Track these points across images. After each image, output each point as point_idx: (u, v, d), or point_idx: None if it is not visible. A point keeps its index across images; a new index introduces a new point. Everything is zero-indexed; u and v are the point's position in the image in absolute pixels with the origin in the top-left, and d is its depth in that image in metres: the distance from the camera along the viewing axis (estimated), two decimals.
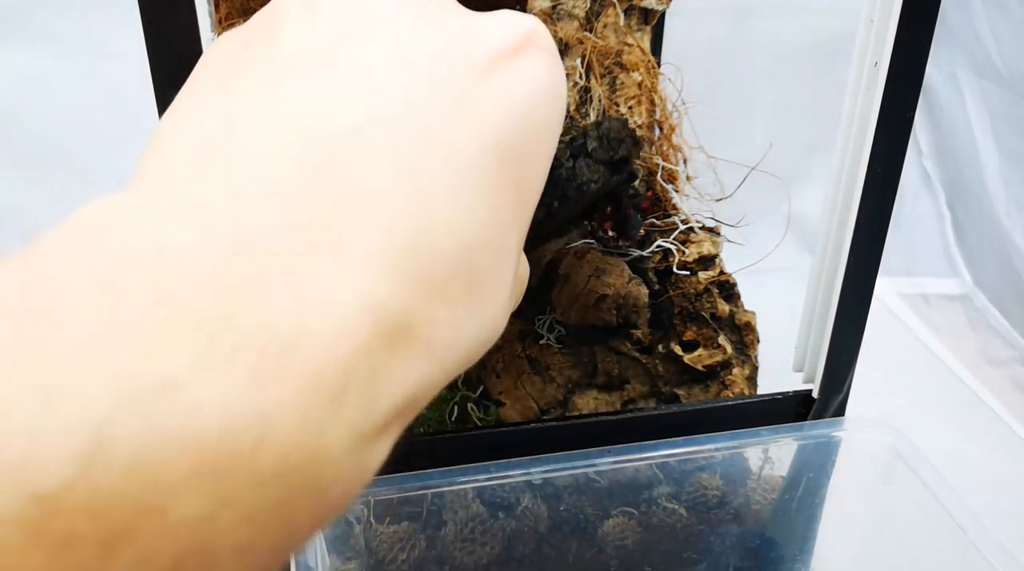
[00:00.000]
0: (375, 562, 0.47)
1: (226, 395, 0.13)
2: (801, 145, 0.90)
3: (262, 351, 0.13)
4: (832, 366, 0.48)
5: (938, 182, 1.02)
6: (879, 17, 0.40)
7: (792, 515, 0.52)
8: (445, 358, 0.17)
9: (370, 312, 0.15)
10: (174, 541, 0.12)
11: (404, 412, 0.16)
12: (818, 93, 0.91)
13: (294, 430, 0.13)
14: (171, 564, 0.12)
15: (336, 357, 0.14)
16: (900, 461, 0.48)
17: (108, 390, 0.12)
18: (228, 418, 0.13)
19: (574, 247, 0.50)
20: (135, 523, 0.12)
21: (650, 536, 0.50)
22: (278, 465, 0.13)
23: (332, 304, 0.15)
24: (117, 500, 0.11)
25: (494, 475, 0.45)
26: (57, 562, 0.11)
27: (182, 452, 0.12)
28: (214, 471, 0.12)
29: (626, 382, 0.52)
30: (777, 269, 0.56)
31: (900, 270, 0.99)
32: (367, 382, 0.15)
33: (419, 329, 0.16)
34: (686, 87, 0.54)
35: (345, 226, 0.15)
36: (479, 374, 0.53)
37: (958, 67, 0.95)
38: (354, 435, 0.15)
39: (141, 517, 0.12)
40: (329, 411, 0.14)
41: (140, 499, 0.12)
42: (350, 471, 0.15)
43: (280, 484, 0.13)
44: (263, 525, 0.13)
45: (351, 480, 0.15)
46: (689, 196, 0.55)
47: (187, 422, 0.12)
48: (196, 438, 0.12)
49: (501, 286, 0.18)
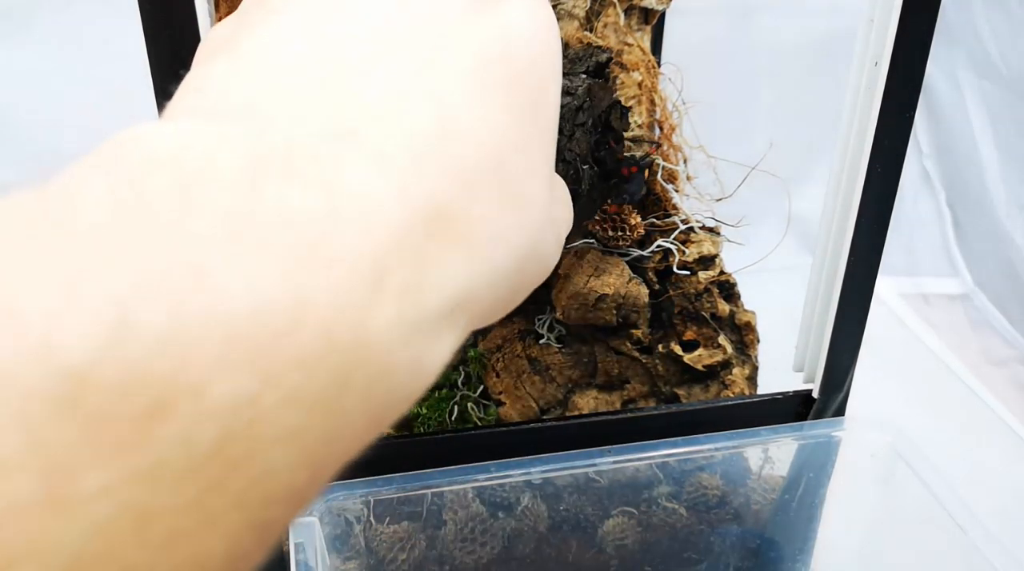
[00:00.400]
0: (375, 562, 0.47)
1: (255, 278, 0.13)
2: (801, 145, 0.90)
3: (292, 237, 0.14)
4: (832, 366, 0.48)
5: (938, 182, 1.02)
6: (879, 16, 0.40)
7: (792, 515, 0.52)
8: (491, 258, 0.17)
9: (402, 200, 0.15)
10: (214, 423, 0.12)
11: (460, 314, 0.17)
12: (818, 93, 0.91)
13: (333, 312, 0.14)
14: (213, 448, 0.12)
15: (371, 241, 0.15)
16: (900, 461, 0.48)
17: (132, 274, 0.12)
18: (258, 300, 0.13)
19: (574, 247, 0.50)
20: (170, 401, 0.12)
21: (650, 536, 0.50)
22: (320, 347, 0.13)
23: (363, 193, 0.15)
24: (147, 377, 0.12)
25: (494, 475, 0.45)
26: (92, 437, 0.11)
27: (211, 331, 0.12)
28: (249, 350, 0.12)
29: (626, 382, 0.52)
30: (777, 269, 0.56)
31: (900, 270, 0.99)
32: (408, 270, 0.15)
33: (456, 223, 0.16)
34: (686, 87, 0.54)
35: (371, 124, 0.16)
36: (479, 374, 0.53)
37: (958, 67, 0.95)
38: (402, 324, 0.15)
39: (176, 396, 0.12)
40: (369, 295, 0.14)
41: (172, 377, 0.12)
42: (405, 366, 0.15)
43: (324, 367, 0.13)
44: (309, 410, 0.13)
45: (406, 375, 0.15)
46: (689, 196, 0.55)
47: (214, 303, 0.12)
48: (225, 318, 0.12)
49: (537, 198, 0.19)
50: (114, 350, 0.11)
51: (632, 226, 0.50)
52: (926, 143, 1.02)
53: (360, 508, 0.45)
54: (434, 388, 0.51)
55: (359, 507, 0.45)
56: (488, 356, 0.53)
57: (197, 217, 0.13)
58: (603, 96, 0.44)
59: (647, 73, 0.53)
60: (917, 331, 0.91)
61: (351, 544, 0.46)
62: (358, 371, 0.14)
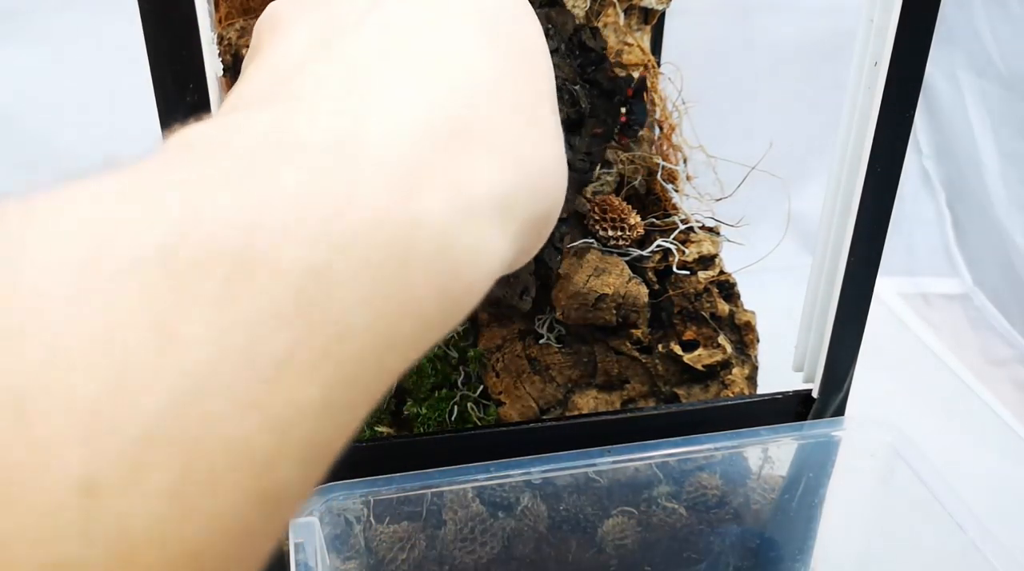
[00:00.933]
0: (375, 562, 0.47)
1: (305, 171, 0.16)
2: (801, 145, 0.90)
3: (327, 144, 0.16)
4: (832, 366, 0.48)
5: (938, 182, 1.02)
6: (879, 16, 0.40)
7: (792, 515, 0.52)
8: (520, 166, 0.20)
9: (430, 112, 0.18)
10: (289, 286, 0.14)
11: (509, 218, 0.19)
12: (818, 92, 0.91)
13: (384, 194, 0.16)
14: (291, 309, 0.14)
15: (408, 142, 0.17)
16: (900, 461, 0.48)
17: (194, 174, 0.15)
18: (312, 188, 0.15)
19: (574, 246, 0.50)
20: (249, 266, 0.14)
21: (650, 536, 0.50)
22: (377, 222, 0.16)
23: (389, 107, 0.18)
24: (226, 247, 0.14)
25: (494, 475, 0.45)
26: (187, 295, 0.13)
27: (274, 207, 0.15)
28: (311, 225, 0.15)
29: (626, 382, 0.52)
30: (777, 269, 0.56)
31: (900, 270, 0.99)
32: (447, 167, 0.18)
33: (483, 134, 0.19)
34: (686, 86, 0.54)
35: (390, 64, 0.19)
36: (479, 374, 0.53)
37: (958, 67, 0.95)
38: (453, 210, 0.17)
39: (253, 262, 0.14)
40: (414, 183, 0.17)
41: (247, 246, 0.14)
42: (463, 247, 0.17)
43: (385, 239, 0.16)
44: (377, 279, 0.15)
45: (466, 257, 0.17)
46: (689, 196, 0.55)
47: (270, 187, 0.15)
48: (284, 197, 0.15)
49: (548, 121, 0.22)
50: (194, 225, 0.14)
51: (632, 226, 0.50)
52: (926, 143, 1.02)
53: (360, 508, 0.45)
54: (434, 388, 0.51)
55: (359, 507, 0.45)
56: (488, 356, 0.53)
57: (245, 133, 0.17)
58: (563, 20, 0.46)
59: (647, 73, 0.53)
60: (917, 331, 0.91)
61: (351, 544, 0.46)
62: (417, 246, 0.16)
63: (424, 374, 0.51)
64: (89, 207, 0.14)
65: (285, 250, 0.14)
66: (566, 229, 0.49)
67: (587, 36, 0.47)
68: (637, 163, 0.54)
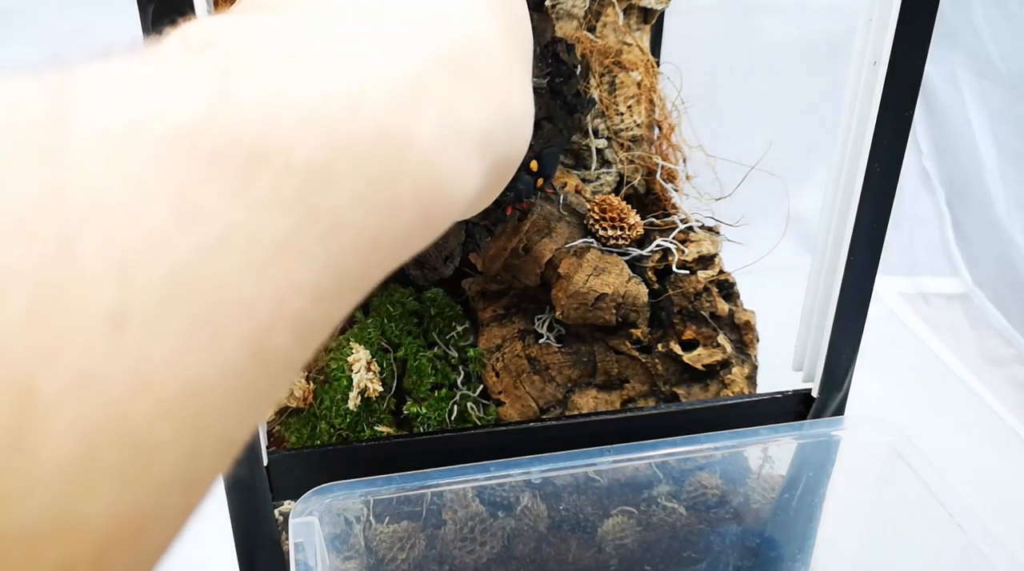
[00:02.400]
0: (375, 561, 0.47)
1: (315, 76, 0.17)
2: (800, 145, 0.90)
3: (341, 52, 0.18)
4: (832, 365, 0.48)
5: (938, 181, 1.02)
6: (878, 16, 0.40)
7: (792, 514, 0.52)
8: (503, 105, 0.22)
9: (431, 42, 0.20)
10: (295, 178, 0.16)
11: (489, 151, 0.21)
12: (818, 92, 0.91)
13: (383, 107, 0.18)
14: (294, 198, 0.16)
15: (408, 63, 0.19)
16: (900, 460, 0.48)
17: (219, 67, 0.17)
18: (320, 92, 0.17)
19: (573, 246, 0.50)
20: (263, 156, 0.16)
21: (650, 535, 0.50)
22: (376, 131, 0.18)
23: (397, 34, 0.20)
24: (245, 136, 0.16)
25: (494, 474, 0.45)
26: (206, 176, 0.15)
27: (288, 108, 0.16)
28: (319, 127, 0.17)
29: (625, 381, 0.52)
30: (776, 268, 0.56)
31: (900, 269, 0.99)
32: (441, 92, 0.20)
33: (472, 69, 0.21)
34: (685, 86, 0.54)
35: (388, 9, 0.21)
36: (479, 373, 0.53)
37: (958, 67, 0.95)
38: (443, 133, 0.19)
39: (267, 153, 0.16)
40: (411, 102, 0.19)
41: (263, 138, 0.16)
42: (448, 168, 0.19)
43: (381, 148, 0.18)
44: (371, 182, 0.17)
45: (449, 177, 0.19)
46: (688, 195, 0.55)
47: (286, 91, 0.17)
48: (296, 102, 0.17)
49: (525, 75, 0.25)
50: (218, 113, 0.15)
51: (631, 225, 0.50)
52: (926, 143, 1.02)
53: (360, 508, 0.45)
54: (434, 387, 0.51)
55: (359, 507, 0.45)
56: (488, 356, 0.53)
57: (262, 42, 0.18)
58: (544, 27, 0.47)
59: (646, 72, 0.53)
60: (916, 330, 0.91)
61: (351, 544, 0.46)
62: (408, 159, 0.18)
63: (424, 374, 0.51)
64: (128, 85, 0.15)
65: (295, 146, 0.16)
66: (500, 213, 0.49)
67: (562, 49, 0.48)
68: (637, 163, 0.54)
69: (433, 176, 0.19)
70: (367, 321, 0.53)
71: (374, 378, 0.49)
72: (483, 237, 0.50)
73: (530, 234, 0.49)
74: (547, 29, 0.47)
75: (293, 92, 0.17)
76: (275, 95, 0.17)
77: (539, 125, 0.47)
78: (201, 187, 0.15)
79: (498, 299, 0.54)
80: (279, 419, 0.51)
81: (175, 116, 0.15)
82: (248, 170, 0.15)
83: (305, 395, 0.50)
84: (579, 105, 0.49)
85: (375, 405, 0.50)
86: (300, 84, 0.17)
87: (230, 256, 0.15)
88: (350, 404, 0.48)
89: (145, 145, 0.14)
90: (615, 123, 0.53)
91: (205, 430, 0.15)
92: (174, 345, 0.14)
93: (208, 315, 0.14)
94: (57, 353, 0.13)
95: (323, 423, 0.50)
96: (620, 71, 0.53)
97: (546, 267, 0.50)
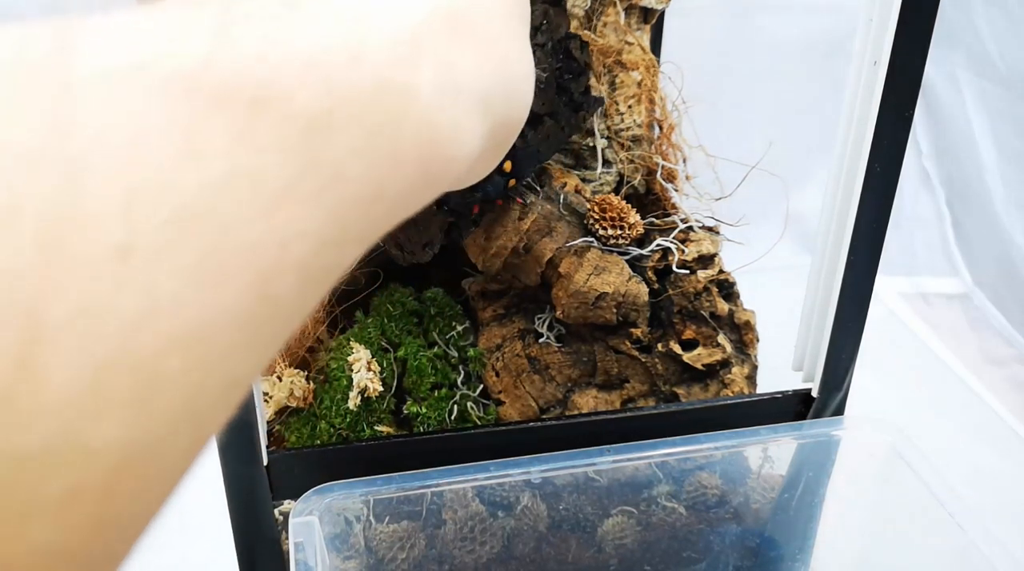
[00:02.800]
0: (375, 561, 0.47)
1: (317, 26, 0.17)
2: (801, 145, 0.90)
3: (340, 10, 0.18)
4: (832, 365, 0.48)
5: (938, 181, 1.02)
6: (878, 16, 0.40)
7: (792, 514, 0.52)
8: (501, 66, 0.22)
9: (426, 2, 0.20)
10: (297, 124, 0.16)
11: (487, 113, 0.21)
12: (818, 92, 0.91)
13: (384, 59, 0.18)
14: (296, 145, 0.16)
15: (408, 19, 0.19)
16: (900, 460, 0.48)
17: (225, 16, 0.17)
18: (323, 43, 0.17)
19: (574, 246, 0.50)
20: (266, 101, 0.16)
21: (650, 535, 0.50)
22: (377, 82, 0.18)
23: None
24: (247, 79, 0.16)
25: (493, 474, 0.45)
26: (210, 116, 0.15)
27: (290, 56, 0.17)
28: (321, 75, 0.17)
29: (625, 381, 0.52)
30: (776, 268, 0.56)
31: (900, 269, 0.99)
32: (440, 49, 0.20)
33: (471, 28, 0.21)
34: (686, 86, 0.54)
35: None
36: (479, 373, 0.53)
37: (958, 67, 0.95)
38: (442, 89, 0.19)
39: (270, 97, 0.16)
40: (411, 57, 0.19)
41: (266, 83, 0.16)
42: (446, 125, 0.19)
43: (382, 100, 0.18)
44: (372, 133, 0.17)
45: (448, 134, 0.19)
46: (688, 195, 0.55)
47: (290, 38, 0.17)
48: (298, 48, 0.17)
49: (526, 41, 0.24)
50: (220, 58, 0.16)
51: (631, 225, 0.50)
52: (926, 143, 1.02)
53: (360, 507, 0.45)
54: (433, 387, 0.51)
55: (359, 506, 0.45)
56: (488, 355, 0.53)
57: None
58: (559, 22, 0.47)
59: (647, 72, 0.53)
60: (916, 330, 0.92)
61: (351, 543, 0.46)
62: (408, 113, 0.18)
63: (424, 373, 0.51)
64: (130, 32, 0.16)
65: (298, 92, 0.16)
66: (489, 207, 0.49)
67: (575, 46, 0.47)
68: (637, 162, 0.54)
69: (433, 131, 0.19)
70: (367, 321, 0.53)
71: (374, 378, 0.49)
72: (467, 227, 0.50)
73: (530, 233, 0.49)
74: (563, 24, 0.47)
75: (294, 41, 0.17)
76: (277, 43, 0.17)
77: (541, 121, 0.47)
78: (205, 128, 0.15)
79: (498, 299, 0.54)
80: (279, 419, 0.51)
81: (178, 59, 0.15)
82: (250, 115, 0.16)
83: (305, 395, 0.50)
84: (586, 103, 0.49)
85: (375, 405, 0.50)
86: (301, 34, 0.17)
87: (234, 198, 0.15)
88: (350, 404, 0.48)
89: (149, 86, 0.15)
90: (615, 123, 0.53)
91: (212, 368, 0.15)
92: (180, 281, 0.14)
93: (213, 255, 0.14)
94: (64, 281, 0.13)
95: (323, 423, 0.50)
96: (620, 70, 0.53)
97: (546, 266, 0.50)
